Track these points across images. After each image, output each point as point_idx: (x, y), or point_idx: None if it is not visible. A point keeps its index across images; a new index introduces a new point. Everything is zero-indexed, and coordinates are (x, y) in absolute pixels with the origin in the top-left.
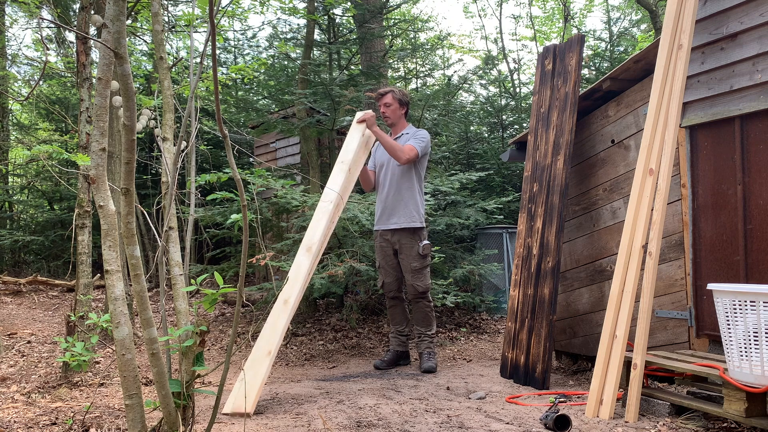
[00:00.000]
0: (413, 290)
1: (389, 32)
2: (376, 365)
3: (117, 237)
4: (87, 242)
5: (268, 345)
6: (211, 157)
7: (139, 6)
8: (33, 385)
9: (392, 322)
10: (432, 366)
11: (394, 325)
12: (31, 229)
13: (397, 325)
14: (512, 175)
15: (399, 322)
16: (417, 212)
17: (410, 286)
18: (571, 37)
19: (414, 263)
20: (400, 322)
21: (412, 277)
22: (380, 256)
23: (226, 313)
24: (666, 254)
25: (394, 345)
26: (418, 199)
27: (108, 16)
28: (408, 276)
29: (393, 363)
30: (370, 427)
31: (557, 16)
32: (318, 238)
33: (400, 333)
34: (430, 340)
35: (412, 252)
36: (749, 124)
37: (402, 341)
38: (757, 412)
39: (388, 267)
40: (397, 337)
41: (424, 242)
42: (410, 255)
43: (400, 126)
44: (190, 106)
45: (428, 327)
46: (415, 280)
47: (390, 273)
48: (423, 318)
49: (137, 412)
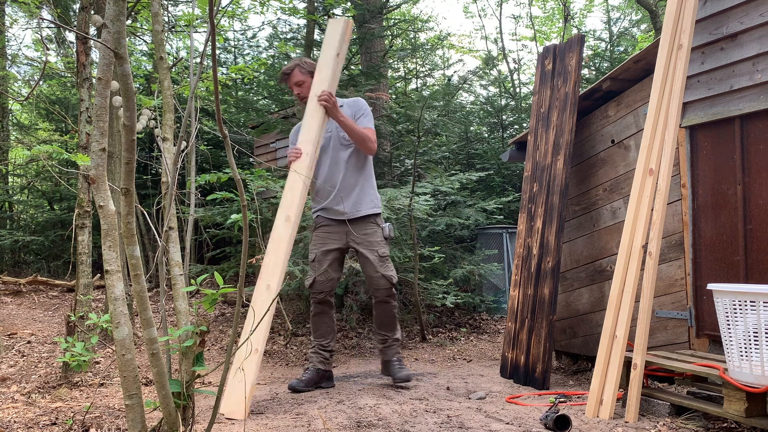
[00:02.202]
0: (384, 283)
1: (389, 32)
2: (292, 386)
3: (117, 237)
4: (87, 242)
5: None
6: (211, 157)
7: (139, 6)
8: (33, 385)
9: (316, 333)
10: (409, 375)
11: (317, 338)
12: (31, 229)
13: (321, 338)
14: (512, 175)
15: (324, 334)
16: (376, 195)
17: (380, 278)
18: (571, 37)
19: (381, 249)
20: (326, 333)
21: (381, 267)
22: (319, 247)
23: (226, 313)
24: (666, 254)
25: (316, 362)
26: (373, 181)
27: (108, 16)
28: (376, 266)
29: (313, 383)
30: (370, 427)
31: (557, 16)
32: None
33: (323, 348)
34: (398, 345)
35: (377, 237)
36: (749, 124)
37: (326, 358)
38: (757, 412)
39: (326, 261)
40: (319, 353)
41: (386, 224)
42: (375, 241)
43: None
44: (190, 106)
45: (395, 330)
46: (385, 269)
47: (326, 270)
48: (390, 320)
49: (137, 412)
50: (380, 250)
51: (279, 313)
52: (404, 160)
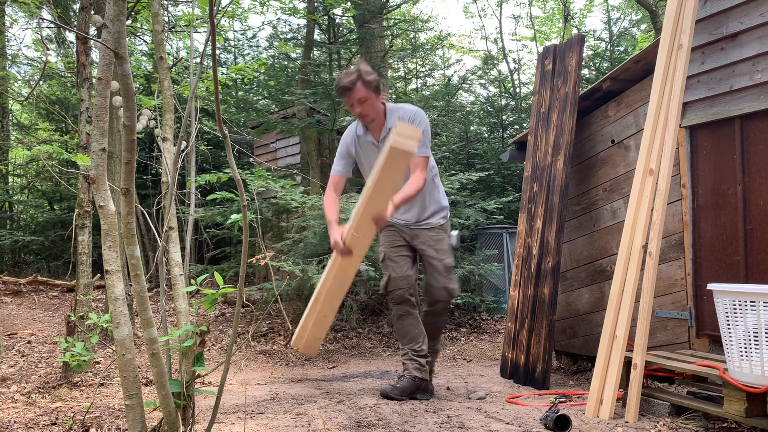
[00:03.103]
0: (444, 295)
1: (389, 32)
2: (384, 392)
3: (117, 237)
4: (87, 242)
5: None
6: (211, 157)
7: (139, 6)
8: (33, 385)
9: (404, 338)
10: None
11: (407, 343)
12: (31, 229)
13: (411, 342)
14: (512, 175)
15: (414, 338)
16: (442, 203)
17: (441, 290)
18: (571, 37)
19: (447, 259)
20: (416, 336)
21: (445, 278)
22: (388, 246)
23: (226, 313)
24: (666, 254)
25: (411, 368)
26: (440, 186)
27: (108, 16)
28: (439, 278)
29: (408, 393)
30: (370, 427)
31: (557, 16)
32: None
33: (417, 353)
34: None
35: (443, 245)
36: (749, 124)
37: (421, 364)
38: (757, 412)
39: (398, 258)
40: (413, 359)
41: (454, 232)
42: (442, 249)
43: (380, 117)
44: (190, 106)
45: (438, 341)
46: (448, 281)
47: (400, 265)
48: (437, 332)
49: (137, 412)
50: (446, 260)
51: (279, 313)
52: None
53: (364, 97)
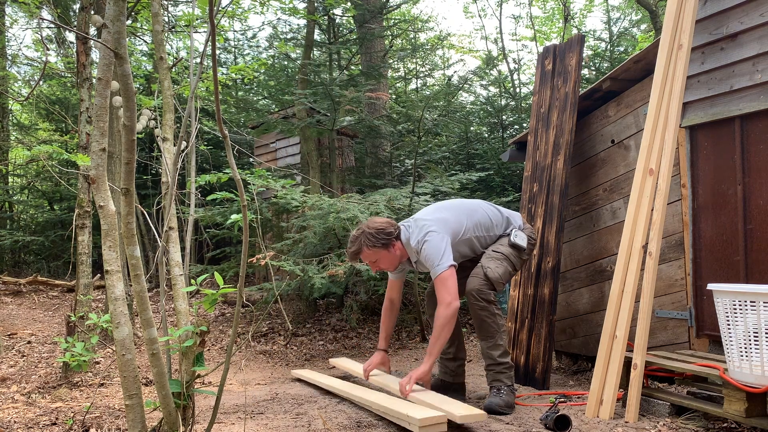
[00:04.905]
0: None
1: (389, 32)
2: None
3: (117, 237)
4: (87, 242)
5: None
6: (211, 157)
7: (139, 6)
8: (33, 386)
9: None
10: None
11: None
12: (31, 229)
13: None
14: (512, 175)
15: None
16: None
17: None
18: (571, 37)
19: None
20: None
21: (485, 259)
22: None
23: (226, 313)
24: (666, 254)
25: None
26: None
27: (108, 16)
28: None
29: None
30: (370, 427)
31: (557, 16)
32: None
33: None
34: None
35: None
36: (749, 124)
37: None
38: (757, 412)
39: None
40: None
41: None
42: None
43: (400, 256)
44: (190, 106)
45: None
46: (488, 261)
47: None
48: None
49: (137, 412)
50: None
51: (279, 313)
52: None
53: (373, 258)
